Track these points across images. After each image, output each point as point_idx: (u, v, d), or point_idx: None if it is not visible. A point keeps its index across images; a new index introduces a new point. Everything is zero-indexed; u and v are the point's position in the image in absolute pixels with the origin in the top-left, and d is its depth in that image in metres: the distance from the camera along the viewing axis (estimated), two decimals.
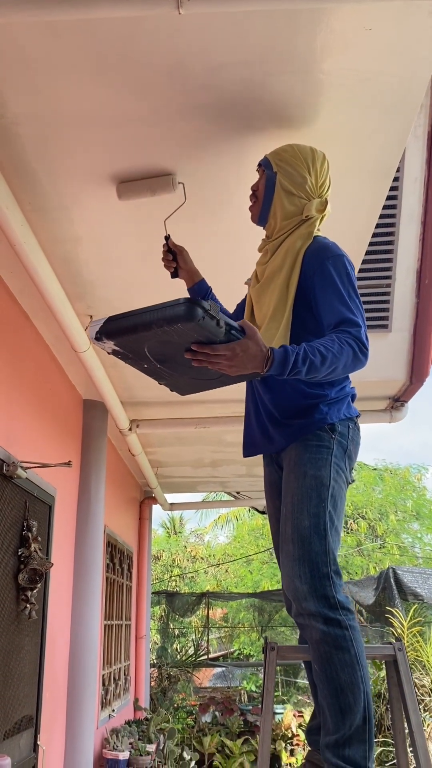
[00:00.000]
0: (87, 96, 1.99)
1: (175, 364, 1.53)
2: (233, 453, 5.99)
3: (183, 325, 1.36)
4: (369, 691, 1.54)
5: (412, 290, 3.85)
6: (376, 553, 14.03)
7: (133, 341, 1.46)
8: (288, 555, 1.64)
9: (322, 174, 1.90)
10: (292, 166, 1.88)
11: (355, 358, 1.59)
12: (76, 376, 4.13)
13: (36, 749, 3.30)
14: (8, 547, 2.91)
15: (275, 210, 1.90)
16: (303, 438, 1.74)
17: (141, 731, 5.68)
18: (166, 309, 1.36)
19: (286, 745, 7.37)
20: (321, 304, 1.72)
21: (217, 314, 1.40)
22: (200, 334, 1.40)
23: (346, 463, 1.76)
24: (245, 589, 13.41)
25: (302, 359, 1.51)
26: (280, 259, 1.83)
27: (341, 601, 1.59)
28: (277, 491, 1.89)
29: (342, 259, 1.75)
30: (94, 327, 1.49)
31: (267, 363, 1.48)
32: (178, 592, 11.61)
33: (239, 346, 1.45)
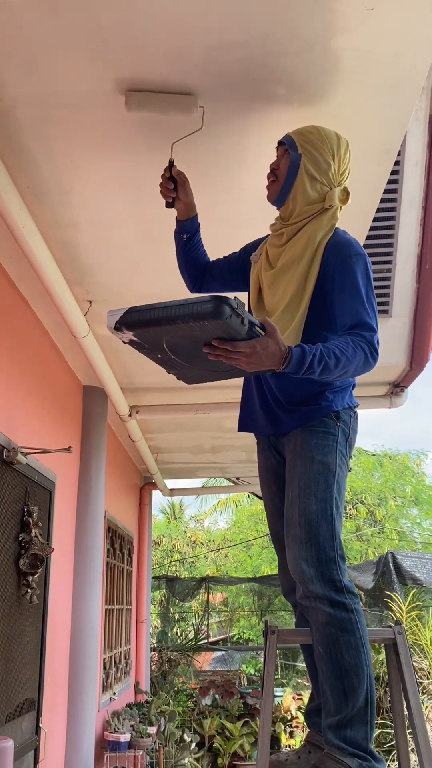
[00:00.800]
0: (86, 76, 1.97)
1: (190, 356, 1.54)
2: (233, 439, 6.00)
3: (209, 322, 1.37)
4: (371, 674, 1.56)
5: (413, 275, 3.83)
6: (375, 538, 14.10)
7: (153, 333, 1.47)
8: (295, 538, 1.65)
9: (345, 162, 1.86)
10: (318, 150, 1.82)
11: (366, 363, 1.61)
12: (76, 362, 4.12)
13: (38, 731, 3.34)
14: (9, 532, 2.91)
15: (296, 193, 1.83)
16: (309, 424, 1.74)
17: (142, 714, 5.74)
18: (194, 305, 1.37)
19: (285, 727, 7.45)
20: (338, 301, 1.70)
21: (243, 312, 1.40)
22: (224, 330, 1.41)
23: (347, 450, 1.77)
24: (245, 573, 13.49)
25: (318, 360, 1.52)
26: (300, 249, 1.78)
27: (347, 585, 1.61)
28: (273, 476, 1.89)
29: (364, 258, 1.74)
30: (114, 316, 1.48)
31: (284, 361, 1.49)
32: (178, 577, 11.69)
33: (259, 344, 1.45)
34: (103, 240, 2.85)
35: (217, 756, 7.22)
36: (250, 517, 15.63)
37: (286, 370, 1.50)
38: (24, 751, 3.11)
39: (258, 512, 15.33)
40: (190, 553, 15.79)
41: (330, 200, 1.81)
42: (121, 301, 3.42)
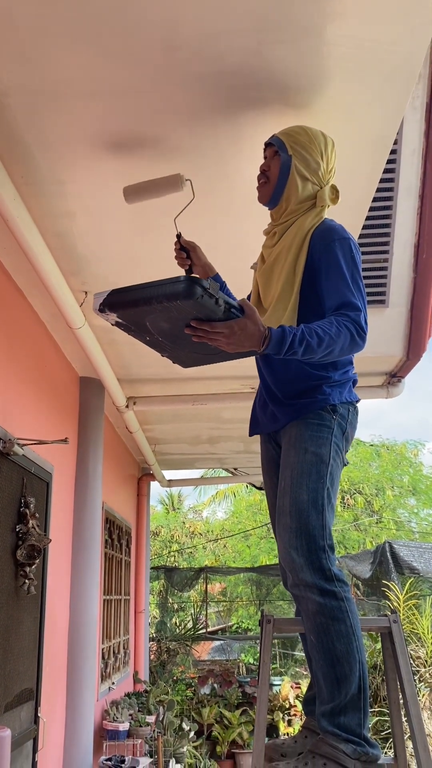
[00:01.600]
0: (79, 65, 1.95)
1: (176, 338, 1.57)
2: (231, 430, 6.00)
3: (182, 302, 1.40)
4: (364, 661, 1.56)
5: (410, 265, 3.82)
6: (372, 527, 14.15)
7: (134, 314, 1.50)
8: (285, 527, 1.66)
9: (332, 160, 1.91)
10: (307, 151, 1.86)
11: (353, 342, 1.62)
12: (72, 354, 4.11)
13: (37, 721, 3.35)
14: (6, 523, 2.92)
15: (289, 194, 1.87)
16: (304, 416, 1.76)
17: (141, 703, 5.77)
18: (167, 285, 1.40)
19: (283, 715, 7.50)
20: (324, 286, 1.73)
21: (216, 293, 1.43)
22: (199, 311, 1.44)
23: (343, 444, 1.79)
24: (243, 563, 13.53)
25: (299, 340, 1.54)
26: (288, 241, 1.83)
27: (336, 573, 1.62)
28: (274, 467, 1.90)
29: (348, 242, 1.76)
30: (98, 299, 1.52)
31: (264, 342, 1.52)
32: (176, 567, 11.72)
33: (237, 324, 1.49)
34: (98, 230, 2.84)
35: (216, 744, 7.28)
36: (249, 508, 15.67)
37: (267, 350, 1.53)
38: (23, 740, 3.13)
39: (256, 502, 15.36)
40: (189, 543, 15.84)
41: (321, 201, 1.86)
42: None
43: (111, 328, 3.78)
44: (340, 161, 2.39)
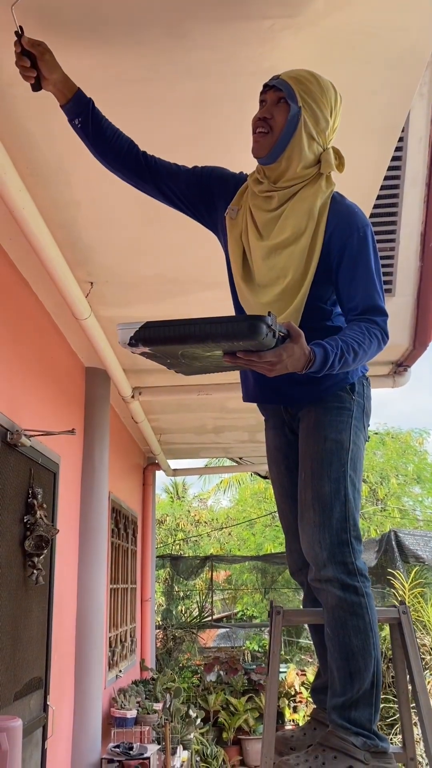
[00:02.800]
0: (85, 54, 1.93)
1: (199, 359, 1.44)
2: (236, 419, 6.00)
3: (244, 342, 1.28)
4: (379, 657, 1.56)
5: (416, 254, 3.79)
6: (377, 516, 14.17)
7: (173, 348, 1.36)
8: (308, 521, 1.62)
9: (338, 119, 1.67)
10: (318, 105, 1.59)
11: (378, 349, 1.54)
12: (78, 344, 4.11)
13: (46, 709, 3.39)
14: (14, 514, 2.93)
15: (292, 153, 1.60)
16: (324, 399, 1.68)
17: (148, 690, 5.82)
18: (228, 324, 1.27)
19: (289, 702, 7.56)
20: (347, 281, 1.59)
21: (275, 326, 1.31)
22: (255, 346, 1.32)
23: (364, 421, 1.71)
24: (248, 551, 13.59)
25: (338, 358, 1.44)
26: (301, 221, 1.61)
27: (359, 567, 1.58)
28: (283, 456, 1.83)
29: (369, 229, 1.61)
30: (127, 331, 1.35)
31: (308, 365, 1.41)
32: (182, 556, 11.78)
33: (285, 351, 1.36)
34: (104, 220, 2.83)
35: (222, 731, 7.34)
36: (253, 496, 15.71)
37: (309, 371, 1.42)
38: (32, 728, 3.16)
39: (261, 491, 15.39)
40: (194, 532, 15.90)
41: (327, 166, 1.63)
42: (122, 283, 3.40)
43: (117, 319, 3.77)
44: (347, 150, 2.37)
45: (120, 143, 1.73)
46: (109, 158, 1.74)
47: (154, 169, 1.76)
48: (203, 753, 6.23)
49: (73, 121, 1.69)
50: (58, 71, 1.63)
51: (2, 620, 2.75)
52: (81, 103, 1.67)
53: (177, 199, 1.79)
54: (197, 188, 1.77)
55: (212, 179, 1.77)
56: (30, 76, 1.61)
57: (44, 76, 1.62)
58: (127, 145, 1.74)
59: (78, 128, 1.70)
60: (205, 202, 1.78)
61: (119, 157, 1.73)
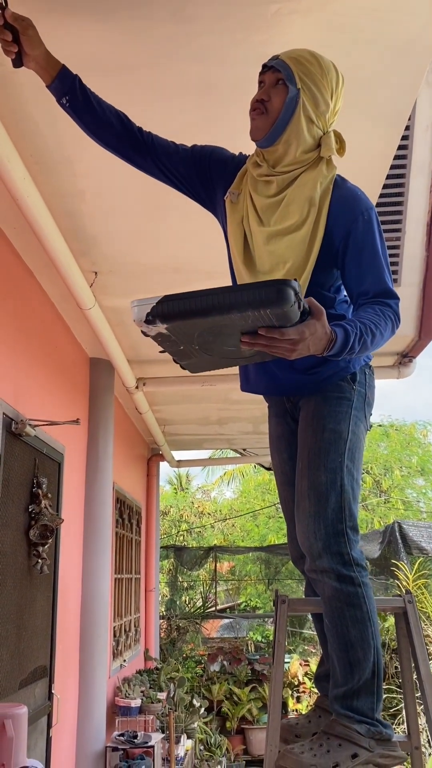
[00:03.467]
0: (90, 41, 1.91)
1: (215, 344, 1.35)
2: (239, 411, 6.00)
3: (271, 310, 1.19)
4: (379, 646, 1.55)
5: (422, 244, 3.77)
6: (380, 507, 14.18)
7: (192, 325, 1.26)
8: (304, 511, 1.61)
9: (339, 102, 1.60)
10: (318, 87, 1.53)
11: (392, 333, 1.50)
12: (82, 334, 4.11)
13: (51, 697, 3.40)
14: (19, 503, 2.93)
15: (290, 137, 1.55)
16: (324, 389, 1.66)
17: (152, 680, 5.85)
18: (254, 291, 1.19)
19: (292, 692, 7.59)
20: (354, 266, 1.55)
21: (301, 296, 1.23)
22: (279, 318, 1.23)
23: (365, 411, 1.69)
24: (252, 543, 13.62)
25: (359, 339, 1.39)
26: (302, 208, 1.56)
27: (355, 557, 1.57)
28: (285, 444, 1.82)
29: (373, 212, 1.57)
30: (143, 307, 1.26)
31: (329, 346, 1.35)
32: (186, 547, 11.82)
33: (308, 328, 1.28)
34: (108, 210, 2.81)
35: (226, 720, 7.38)
36: (257, 487, 15.73)
37: (330, 354, 1.36)
38: (37, 716, 3.17)
39: (265, 482, 15.41)
40: (198, 523, 15.94)
41: (327, 149, 1.57)
42: (127, 272, 3.39)
43: (121, 309, 3.77)
44: (353, 138, 2.35)
45: (112, 119, 1.66)
46: (103, 135, 1.68)
47: (150, 145, 1.70)
48: (207, 742, 6.27)
49: (60, 101, 1.62)
50: (40, 48, 1.56)
51: (7, 609, 2.76)
52: (66, 80, 1.60)
53: (175, 178, 1.74)
54: (195, 169, 1.72)
55: (211, 160, 1.72)
56: (11, 51, 1.53)
57: (26, 52, 1.54)
58: (121, 120, 1.67)
59: (66, 107, 1.63)
60: (203, 183, 1.74)
61: (113, 133, 1.67)
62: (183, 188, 1.77)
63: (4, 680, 2.70)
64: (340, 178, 1.62)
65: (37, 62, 1.57)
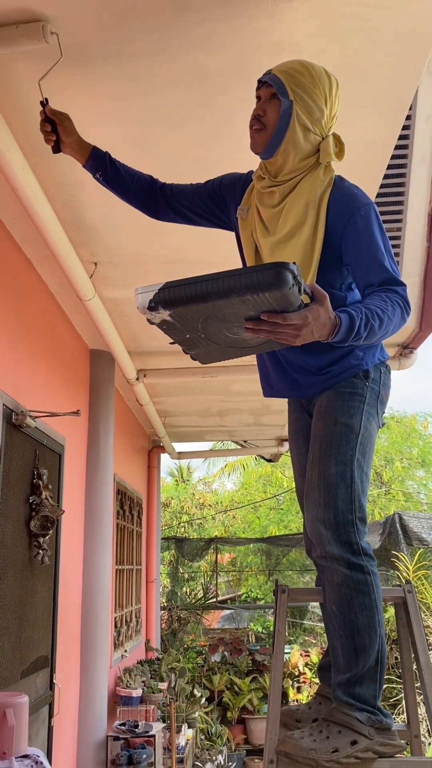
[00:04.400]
0: (89, 28, 1.90)
1: (221, 332, 1.36)
2: (240, 402, 6.00)
3: (270, 294, 1.21)
4: (383, 635, 1.57)
5: (423, 235, 3.76)
6: (381, 499, 14.20)
7: (194, 311, 1.29)
8: (314, 501, 1.63)
9: (335, 105, 1.66)
10: (310, 96, 1.59)
11: (402, 319, 1.51)
12: (83, 326, 4.10)
13: (52, 687, 3.42)
14: (19, 494, 2.94)
15: (287, 147, 1.62)
16: (337, 385, 1.69)
17: (153, 670, 5.88)
18: (252, 275, 1.21)
19: (293, 682, 7.62)
20: (356, 261, 1.58)
21: (301, 279, 1.25)
22: (279, 302, 1.24)
23: (378, 408, 1.72)
24: (253, 534, 13.64)
25: (364, 324, 1.41)
26: (300, 213, 1.62)
27: (364, 547, 1.60)
28: (303, 438, 1.85)
29: (373, 207, 1.60)
30: (146, 294, 1.29)
31: (334, 331, 1.37)
32: (187, 538, 11.84)
33: (311, 313, 1.31)
34: (108, 200, 2.79)
35: (227, 710, 7.41)
36: (258, 479, 15.75)
37: (335, 339, 1.38)
38: (39, 705, 3.19)
39: (266, 474, 15.43)
40: (199, 514, 15.98)
41: (326, 155, 1.63)
42: (127, 263, 3.39)
43: (121, 300, 3.76)
44: (354, 126, 2.34)
45: (140, 187, 1.87)
46: (133, 201, 1.90)
47: (171, 199, 1.88)
48: (208, 731, 6.30)
49: (95, 176, 1.86)
50: (75, 135, 1.83)
51: (8, 600, 2.77)
52: (98, 159, 1.84)
53: (197, 216, 1.89)
54: (211, 200, 1.86)
55: (222, 186, 1.85)
56: (50, 140, 1.81)
57: (62, 140, 1.81)
58: (147, 188, 1.88)
59: (100, 180, 1.87)
60: (221, 209, 1.86)
61: (140, 200, 1.89)
62: (205, 221, 1.90)
63: (5, 670, 2.71)
64: (339, 179, 1.67)
65: (71, 148, 1.83)
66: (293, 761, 1.49)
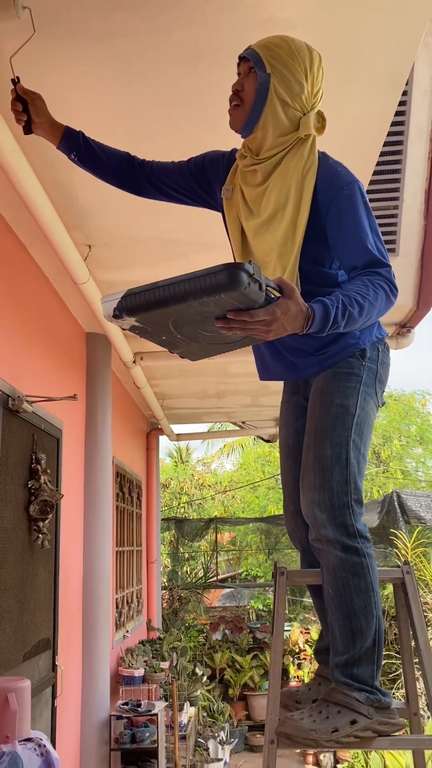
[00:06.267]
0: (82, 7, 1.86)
1: (197, 331, 1.38)
2: (238, 384, 5.99)
3: (226, 295, 1.21)
4: (381, 615, 1.57)
5: (420, 212, 3.73)
6: (379, 477, 14.27)
7: (158, 316, 1.30)
8: (309, 484, 1.62)
9: (318, 81, 1.61)
10: (289, 69, 1.56)
11: (387, 301, 1.49)
12: (78, 309, 4.08)
13: (55, 669, 3.45)
14: (18, 479, 2.94)
15: (266, 122, 1.58)
16: (333, 366, 1.67)
17: (154, 650, 5.93)
18: (205, 278, 1.21)
19: (293, 659, 7.71)
20: (340, 242, 1.55)
21: (260, 276, 1.25)
22: (241, 301, 1.25)
23: (376, 388, 1.70)
24: (252, 514, 13.72)
25: (341, 313, 1.38)
26: (283, 194, 1.59)
27: (360, 529, 1.59)
28: (292, 418, 1.83)
29: (357, 185, 1.57)
30: (110, 303, 1.31)
31: (307, 323, 1.35)
32: (186, 518, 11.91)
33: (279, 308, 1.30)
34: (100, 181, 2.76)
35: (228, 687, 7.51)
36: (257, 459, 15.81)
37: (311, 331, 1.36)
38: (42, 687, 3.22)
39: (264, 454, 15.48)
40: (198, 495, 16.05)
41: (305, 128, 1.58)
42: (121, 245, 3.35)
43: (116, 282, 3.73)
44: (349, 103, 2.30)
45: (117, 165, 1.82)
46: (111, 180, 1.85)
47: (151, 175, 1.82)
48: (210, 709, 6.39)
49: (70, 156, 1.81)
50: (47, 116, 1.76)
51: (9, 584, 2.79)
52: (72, 138, 1.78)
53: (179, 194, 1.84)
54: (193, 178, 1.81)
55: (206, 164, 1.80)
56: (21, 120, 1.75)
57: (34, 120, 1.75)
58: (125, 165, 1.82)
59: (76, 161, 1.81)
60: (204, 189, 1.81)
61: (118, 178, 1.84)
62: (189, 200, 1.86)
63: (7, 653, 2.73)
64: (323, 156, 1.64)
65: (43, 129, 1.77)
66: (294, 742, 1.51)
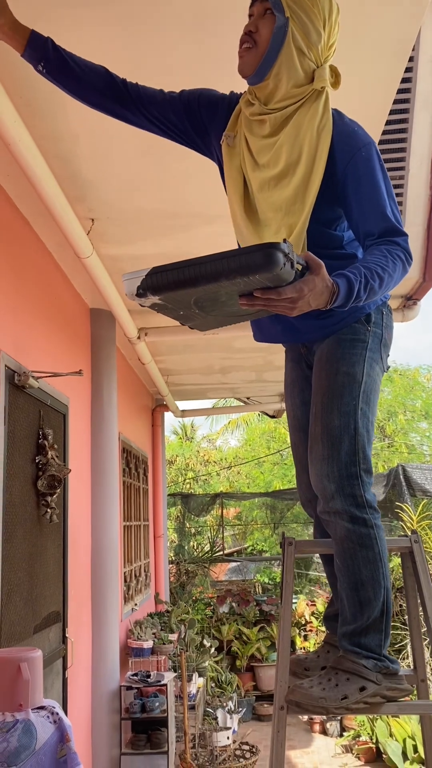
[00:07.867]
0: None
1: (215, 306, 1.33)
2: (242, 359, 5.98)
3: (261, 275, 1.17)
4: (389, 586, 1.57)
5: (426, 182, 3.67)
6: (384, 451, 14.31)
7: (184, 294, 1.25)
8: (317, 454, 1.60)
9: (335, 33, 1.51)
10: (308, 15, 1.45)
11: (404, 271, 1.45)
12: (82, 285, 4.06)
13: (65, 641, 3.50)
14: (25, 455, 2.95)
15: (280, 69, 1.47)
16: (338, 332, 1.63)
17: (163, 622, 6.01)
18: (240, 257, 1.16)
19: (300, 631, 7.81)
20: (356, 206, 1.49)
21: (293, 255, 1.19)
22: (272, 280, 1.21)
23: (381, 352, 1.67)
24: (257, 489, 13.81)
25: (364, 287, 1.35)
26: (296, 150, 1.49)
27: (369, 499, 1.57)
28: (298, 389, 1.81)
29: (372, 147, 1.49)
30: (133, 281, 1.25)
31: (332, 298, 1.31)
32: (192, 494, 11.99)
33: (306, 285, 1.25)
34: (103, 153, 2.73)
35: (236, 659, 7.62)
36: (262, 435, 15.86)
37: (334, 306, 1.32)
38: (53, 658, 3.27)
39: (269, 430, 15.52)
40: (204, 471, 16.14)
41: (321, 80, 1.47)
42: (125, 219, 3.32)
43: (120, 257, 3.71)
44: (354, 69, 2.26)
45: (93, 77, 1.58)
46: (87, 96, 1.61)
47: (137, 98, 1.62)
48: (218, 679, 6.49)
49: (37, 67, 1.56)
50: (7, 16, 1.51)
51: (19, 558, 2.81)
52: (38, 46, 1.54)
53: (167, 128, 1.67)
54: (186, 115, 1.64)
55: (201, 104, 1.64)
56: None
57: None
58: (102, 77, 1.59)
59: (44, 73, 1.57)
60: (196, 130, 1.66)
61: (96, 91, 1.60)
62: (178, 138, 1.70)
63: (18, 626, 2.77)
64: (338, 113, 1.55)
65: (3, 32, 1.51)
66: (303, 709, 1.52)
